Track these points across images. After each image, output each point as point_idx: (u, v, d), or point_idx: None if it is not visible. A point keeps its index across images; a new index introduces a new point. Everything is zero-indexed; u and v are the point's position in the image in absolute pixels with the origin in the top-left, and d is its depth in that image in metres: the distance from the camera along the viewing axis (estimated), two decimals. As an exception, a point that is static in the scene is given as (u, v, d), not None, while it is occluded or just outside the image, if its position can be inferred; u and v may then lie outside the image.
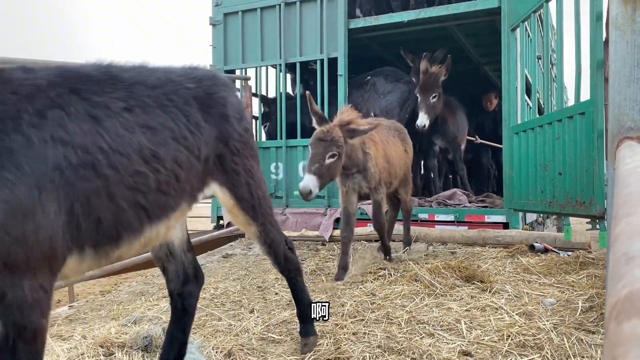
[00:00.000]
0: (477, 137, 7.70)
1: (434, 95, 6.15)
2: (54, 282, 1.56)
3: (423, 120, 6.12)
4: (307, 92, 4.02)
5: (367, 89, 7.21)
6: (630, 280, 0.40)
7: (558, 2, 4.28)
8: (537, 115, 5.14)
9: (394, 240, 5.63)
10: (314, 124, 3.77)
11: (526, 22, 5.23)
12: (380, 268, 4.14)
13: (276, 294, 3.79)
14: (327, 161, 3.56)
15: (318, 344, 2.67)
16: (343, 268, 4.02)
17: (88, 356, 2.49)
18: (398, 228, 5.39)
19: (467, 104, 7.95)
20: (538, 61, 5.81)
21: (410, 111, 6.79)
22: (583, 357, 2.43)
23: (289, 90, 7.98)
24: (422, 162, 7.84)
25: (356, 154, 3.90)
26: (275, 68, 7.56)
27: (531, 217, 6.32)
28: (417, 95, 6.22)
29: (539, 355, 2.45)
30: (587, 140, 3.72)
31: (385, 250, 4.52)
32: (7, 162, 1.42)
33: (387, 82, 7.09)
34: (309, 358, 2.51)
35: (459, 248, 5.18)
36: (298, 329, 2.73)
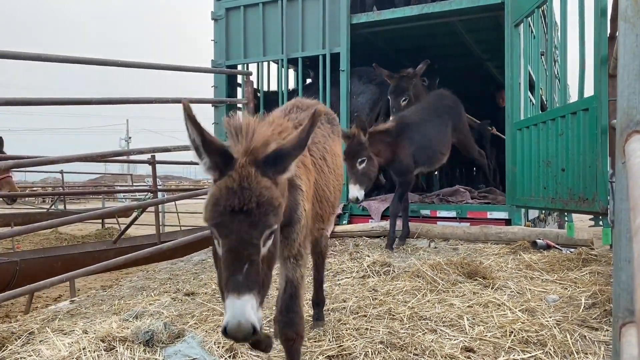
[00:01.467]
0: (493, 127, 7.57)
1: (361, 160, 4.92)
2: None
3: (354, 193, 4.91)
4: (184, 102, 1.63)
5: None
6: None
7: (562, -3, 4.24)
8: (540, 112, 5.12)
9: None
10: (205, 167, 1.67)
11: (530, 18, 5.20)
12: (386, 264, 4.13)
13: (277, 289, 3.77)
14: (264, 249, 1.68)
15: (320, 340, 2.67)
16: None
17: (89, 351, 2.48)
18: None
19: (469, 100, 7.89)
20: (541, 57, 5.77)
21: (383, 112, 6.69)
22: (586, 353, 2.42)
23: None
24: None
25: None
26: (277, 63, 7.53)
27: (533, 213, 6.30)
28: (344, 161, 4.68)
29: (542, 351, 2.44)
30: (591, 137, 3.69)
31: None
32: None
33: (360, 82, 7.04)
34: (312, 354, 2.51)
35: (461, 244, 5.17)
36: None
